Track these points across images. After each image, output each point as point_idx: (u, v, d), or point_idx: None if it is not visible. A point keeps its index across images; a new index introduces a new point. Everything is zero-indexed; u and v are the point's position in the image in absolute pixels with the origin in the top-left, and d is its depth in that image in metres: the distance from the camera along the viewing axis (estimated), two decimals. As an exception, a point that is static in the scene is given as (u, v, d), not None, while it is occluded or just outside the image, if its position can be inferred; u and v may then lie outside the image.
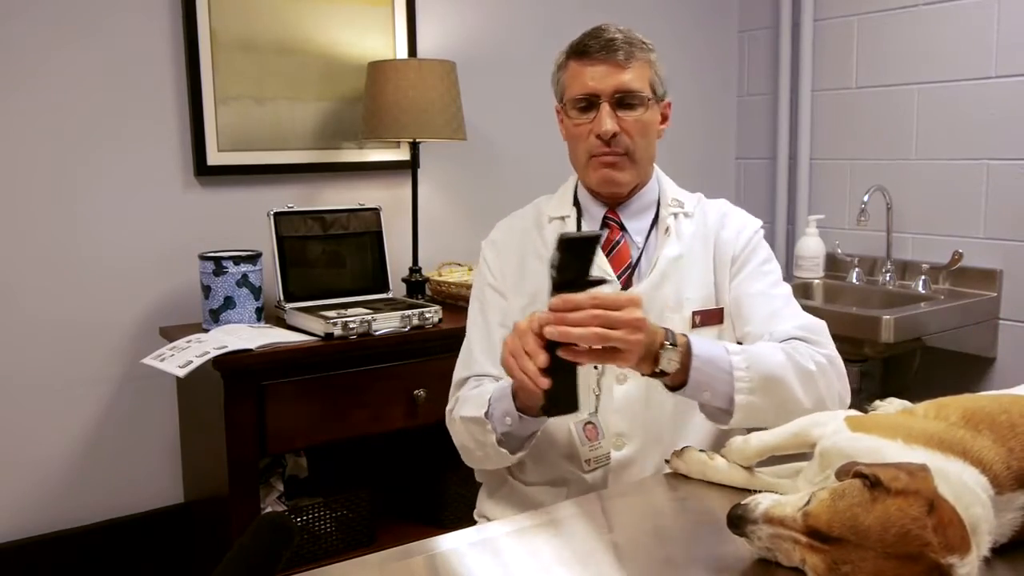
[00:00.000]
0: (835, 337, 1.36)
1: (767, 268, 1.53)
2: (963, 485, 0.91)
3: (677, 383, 1.28)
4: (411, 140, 2.57)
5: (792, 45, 3.25)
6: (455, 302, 2.57)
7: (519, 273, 1.56)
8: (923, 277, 2.87)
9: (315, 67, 2.59)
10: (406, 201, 2.68)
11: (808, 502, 0.89)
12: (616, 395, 1.48)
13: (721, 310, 1.51)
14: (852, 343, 2.67)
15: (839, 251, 3.12)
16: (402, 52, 2.72)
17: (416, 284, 2.64)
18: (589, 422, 1.48)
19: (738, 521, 0.93)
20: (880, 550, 0.83)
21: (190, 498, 2.48)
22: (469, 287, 2.54)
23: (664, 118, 1.57)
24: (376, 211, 2.54)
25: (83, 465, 2.36)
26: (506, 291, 1.57)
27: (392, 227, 2.63)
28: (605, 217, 1.57)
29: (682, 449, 1.25)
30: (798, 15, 3.21)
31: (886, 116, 3.03)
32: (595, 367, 1.48)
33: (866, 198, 2.84)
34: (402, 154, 2.76)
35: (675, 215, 1.56)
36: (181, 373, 2.00)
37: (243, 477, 2.12)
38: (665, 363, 1.23)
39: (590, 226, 1.57)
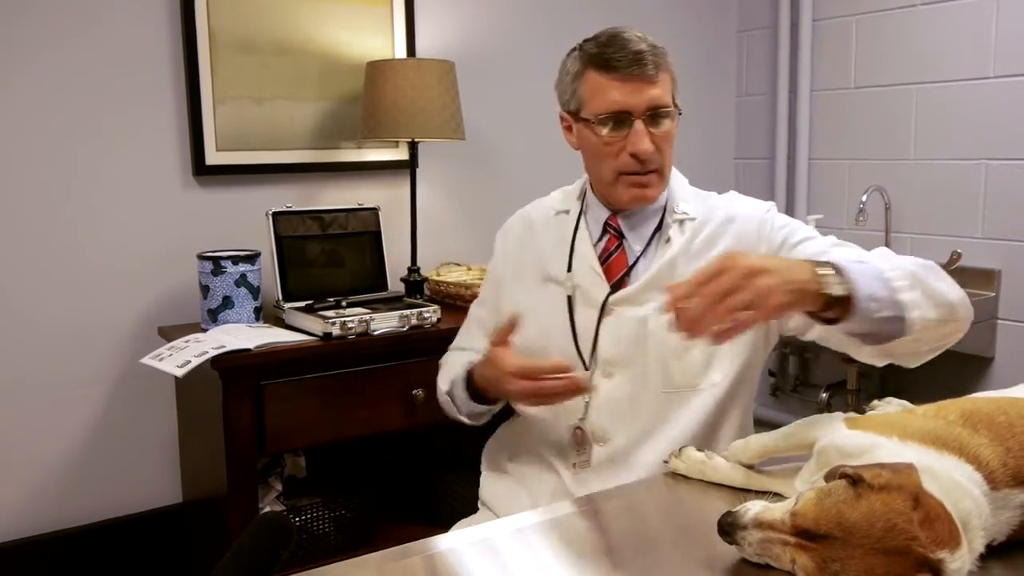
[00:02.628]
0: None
1: (799, 237, 1.47)
2: (952, 481, 0.91)
3: (841, 310, 1.13)
4: (410, 140, 2.56)
5: (791, 45, 3.25)
6: (454, 301, 2.57)
7: (518, 264, 1.64)
8: (921, 277, 2.87)
9: (314, 67, 2.59)
10: (405, 201, 2.68)
11: (796, 503, 0.90)
12: (601, 392, 1.48)
13: None
14: (850, 343, 2.67)
15: (838, 251, 3.11)
16: (401, 52, 2.72)
17: (415, 284, 2.64)
18: (578, 427, 1.49)
19: (729, 528, 0.94)
20: (868, 546, 0.84)
21: (188, 498, 2.48)
22: (467, 287, 2.56)
23: None
24: (375, 211, 2.53)
25: (82, 465, 2.36)
26: (505, 279, 1.66)
27: (391, 227, 2.63)
28: (606, 223, 1.55)
29: (680, 449, 1.25)
30: (797, 15, 3.22)
31: (884, 116, 3.03)
32: (586, 368, 1.49)
33: (864, 198, 2.85)
34: (401, 154, 2.76)
35: (681, 223, 1.52)
36: (179, 373, 1.99)
37: (241, 477, 2.12)
38: (836, 287, 1.10)
39: (592, 227, 1.56)
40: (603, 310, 1.50)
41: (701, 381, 1.47)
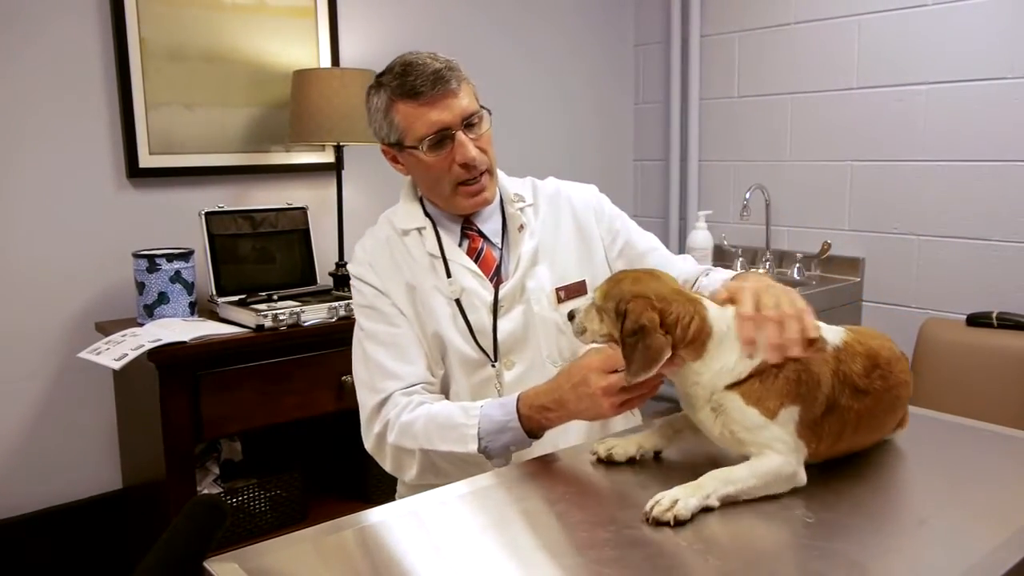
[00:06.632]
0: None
1: (633, 225, 1.62)
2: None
3: None
4: (335, 143, 2.52)
5: (682, 58, 3.31)
6: (379, 294, 2.54)
7: (400, 283, 1.48)
8: (797, 265, 2.97)
9: (243, 75, 2.52)
10: (331, 200, 2.63)
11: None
12: (506, 381, 1.45)
13: (583, 282, 1.50)
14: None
15: (725, 243, 3.19)
16: (325, 62, 2.66)
17: (342, 277, 2.60)
18: None
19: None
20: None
21: (128, 484, 2.39)
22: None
23: None
24: (303, 210, 2.49)
25: (23, 456, 2.25)
26: (397, 302, 1.47)
27: (318, 225, 2.58)
28: (463, 229, 1.51)
29: None
30: (687, 32, 3.27)
31: (764, 122, 3.11)
32: (492, 364, 1.45)
33: (747, 195, 2.92)
34: (327, 156, 2.71)
35: (522, 210, 1.53)
36: (117, 366, 1.92)
37: (179, 462, 2.06)
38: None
39: (449, 237, 1.50)
40: (496, 308, 1.46)
41: (581, 350, 1.47)
